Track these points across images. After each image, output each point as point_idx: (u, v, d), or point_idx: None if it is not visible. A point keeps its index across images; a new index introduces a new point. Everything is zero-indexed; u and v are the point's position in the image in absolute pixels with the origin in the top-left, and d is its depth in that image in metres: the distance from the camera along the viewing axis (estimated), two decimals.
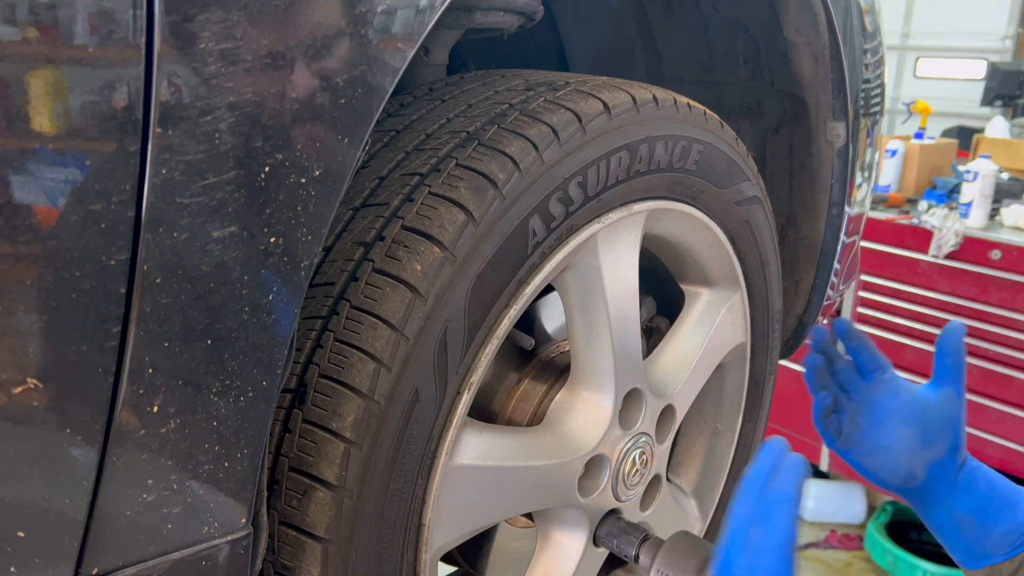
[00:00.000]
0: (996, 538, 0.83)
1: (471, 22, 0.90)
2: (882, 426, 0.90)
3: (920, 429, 0.88)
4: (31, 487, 0.50)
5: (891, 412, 0.89)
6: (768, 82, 1.26)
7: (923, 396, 0.89)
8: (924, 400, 0.89)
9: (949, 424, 0.87)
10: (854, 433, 0.92)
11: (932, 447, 0.87)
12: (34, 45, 0.45)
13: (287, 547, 0.67)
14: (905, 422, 0.88)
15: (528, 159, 0.73)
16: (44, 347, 0.48)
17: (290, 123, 0.55)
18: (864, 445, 0.91)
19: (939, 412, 0.87)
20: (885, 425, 0.89)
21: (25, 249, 0.47)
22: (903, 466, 0.88)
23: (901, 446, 0.88)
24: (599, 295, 0.87)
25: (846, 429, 0.93)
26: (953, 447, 0.87)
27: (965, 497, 0.86)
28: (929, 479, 0.88)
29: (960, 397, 0.88)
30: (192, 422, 0.56)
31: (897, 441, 0.88)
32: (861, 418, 0.92)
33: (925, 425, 0.88)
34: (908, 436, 0.88)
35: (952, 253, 2.94)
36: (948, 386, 0.88)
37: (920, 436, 0.88)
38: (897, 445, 0.88)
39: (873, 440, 0.90)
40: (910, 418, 0.88)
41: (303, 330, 0.68)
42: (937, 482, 0.87)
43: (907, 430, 0.88)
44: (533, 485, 0.86)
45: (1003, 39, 5.98)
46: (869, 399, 0.91)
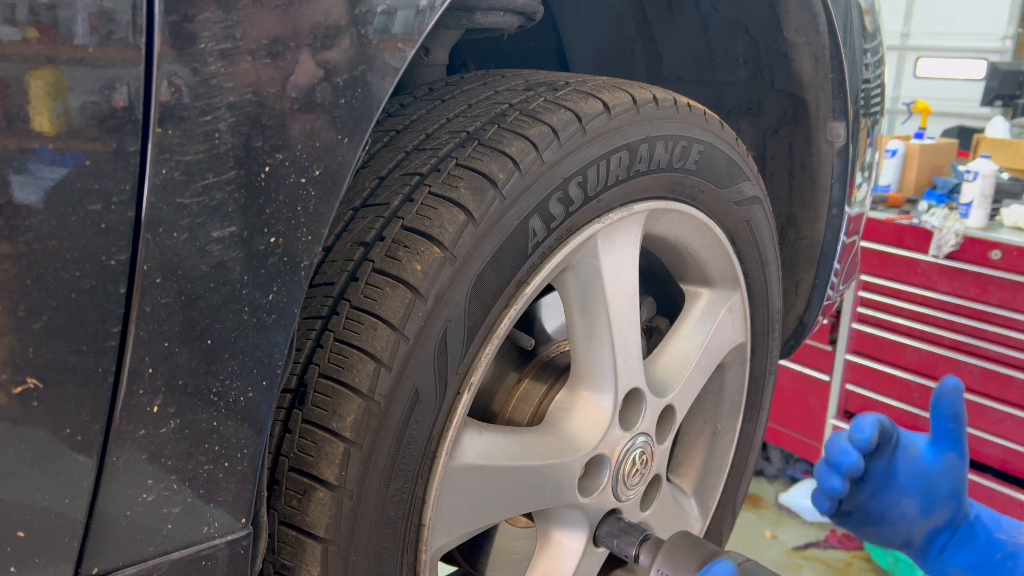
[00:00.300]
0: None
1: (471, 22, 0.90)
2: (880, 497, 0.84)
3: (922, 500, 0.82)
4: (31, 487, 0.50)
5: (893, 483, 0.83)
6: (768, 82, 1.26)
7: (926, 465, 0.82)
8: (927, 470, 0.82)
9: (953, 493, 0.82)
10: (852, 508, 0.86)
11: (933, 517, 0.83)
12: (34, 45, 0.45)
13: (287, 547, 0.67)
14: (906, 494, 0.83)
15: (528, 159, 0.73)
16: (44, 347, 0.48)
17: (290, 123, 0.55)
18: (861, 516, 0.86)
19: (943, 481, 0.82)
20: (883, 496, 0.84)
21: (25, 249, 0.46)
22: (901, 535, 0.84)
23: (900, 517, 0.84)
24: (599, 295, 0.87)
25: (846, 506, 0.87)
26: (953, 515, 0.82)
27: (963, 554, 0.82)
28: (926, 542, 0.84)
29: (963, 460, 0.82)
30: (192, 422, 0.56)
31: (896, 512, 0.84)
32: (861, 492, 0.85)
33: (928, 496, 0.82)
34: (908, 507, 0.83)
35: (952, 253, 2.94)
36: (950, 451, 0.82)
37: (921, 507, 0.83)
38: (896, 516, 0.84)
39: (870, 511, 0.85)
40: (912, 490, 0.83)
41: (303, 330, 0.68)
42: (934, 543, 0.84)
43: (909, 501, 0.83)
44: (533, 485, 0.86)
45: (1003, 39, 5.98)
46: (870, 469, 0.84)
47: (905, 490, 0.83)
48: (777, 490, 3.66)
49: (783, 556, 3.28)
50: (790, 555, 3.29)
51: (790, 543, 3.35)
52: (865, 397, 3.24)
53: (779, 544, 3.35)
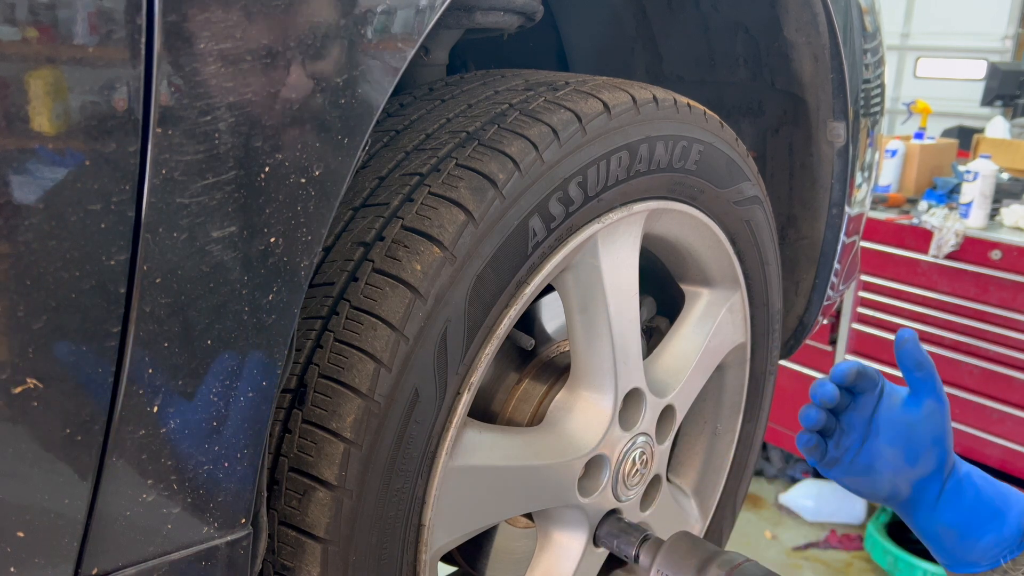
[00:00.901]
0: (980, 550, 0.81)
1: (471, 22, 0.90)
2: (866, 447, 0.87)
3: (905, 448, 0.85)
4: (31, 487, 0.50)
5: (876, 432, 0.87)
6: (768, 82, 1.26)
7: (907, 414, 0.86)
8: (908, 418, 0.85)
9: (935, 440, 0.85)
10: (839, 455, 0.89)
11: (918, 465, 0.85)
12: (34, 45, 0.45)
13: (287, 547, 0.67)
14: (890, 442, 0.86)
15: (528, 159, 0.73)
16: (44, 347, 0.48)
17: (290, 123, 0.55)
18: (848, 466, 0.89)
19: (924, 429, 0.85)
20: (869, 446, 0.87)
21: (25, 249, 0.46)
22: (887, 485, 0.87)
23: (885, 466, 0.86)
24: (599, 295, 0.86)
25: (831, 453, 0.90)
26: (939, 463, 0.85)
27: (950, 509, 0.84)
28: (914, 494, 0.86)
29: (942, 406, 0.85)
30: (192, 422, 0.56)
31: (881, 461, 0.86)
32: (846, 439, 0.89)
33: (911, 444, 0.85)
34: (893, 456, 0.86)
35: (952, 253, 2.94)
36: (927, 398, 0.85)
37: (905, 455, 0.85)
38: (881, 465, 0.86)
39: (857, 461, 0.88)
40: (895, 438, 0.86)
41: (303, 330, 0.68)
42: (922, 496, 0.86)
43: (892, 450, 0.86)
44: (533, 485, 0.86)
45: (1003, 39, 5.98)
46: (855, 419, 0.88)
47: (888, 439, 0.86)
48: (777, 490, 3.66)
49: (783, 556, 3.28)
50: (790, 555, 3.29)
51: (790, 543, 3.35)
52: None
53: (779, 544, 3.35)
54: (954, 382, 2.99)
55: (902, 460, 0.85)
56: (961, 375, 2.98)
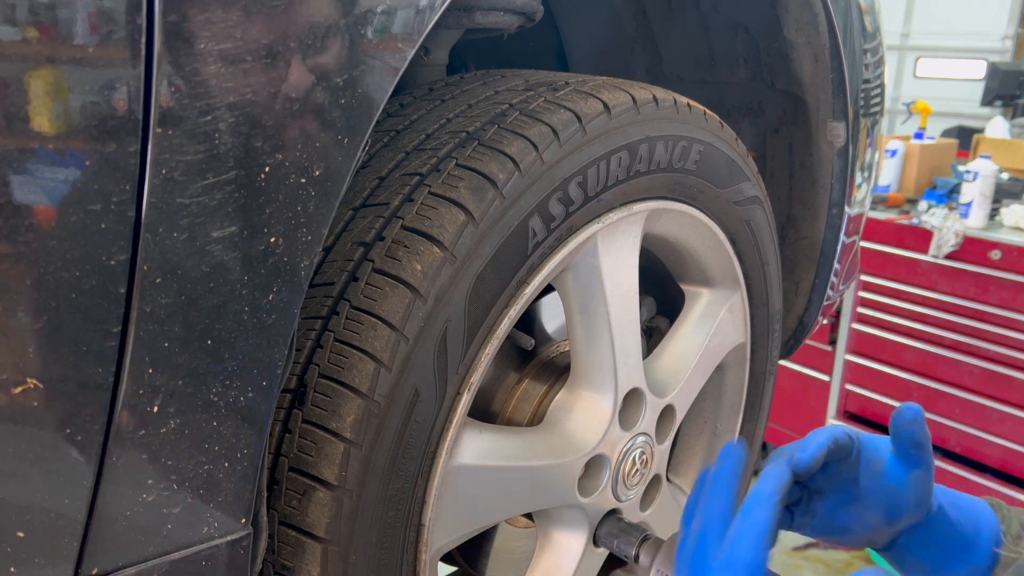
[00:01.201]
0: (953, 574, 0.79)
1: (471, 22, 0.90)
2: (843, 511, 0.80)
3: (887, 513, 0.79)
4: (31, 487, 0.50)
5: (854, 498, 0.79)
6: (768, 82, 1.26)
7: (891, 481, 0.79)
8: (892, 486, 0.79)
9: (919, 503, 0.79)
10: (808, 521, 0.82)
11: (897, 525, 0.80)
12: (34, 45, 0.45)
13: (287, 547, 0.67)
14: (871, 507, 0.79)
15: (528, 159, 0.73)
16: (44, 347, 0.48)
17: (290, 123, 0.55)
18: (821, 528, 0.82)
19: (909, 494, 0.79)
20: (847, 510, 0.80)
21: (25, 249, 0.46)
22: (864, 541, 0.82)
23: (863, 528, 0.80)
24: (599, 295, 0.87)
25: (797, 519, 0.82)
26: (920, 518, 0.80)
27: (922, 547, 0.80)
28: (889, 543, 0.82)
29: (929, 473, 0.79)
30: (192, 422, 0.56)
31: (859, 524, 0.80)
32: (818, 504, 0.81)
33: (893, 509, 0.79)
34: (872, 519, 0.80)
35: (952, 253, 2.94)
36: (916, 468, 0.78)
37: (886, 518, 0.80)
38: (859, 527, 0.80)
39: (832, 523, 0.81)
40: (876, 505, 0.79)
41: (303, 330, 0.68)
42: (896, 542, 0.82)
43: (872, 514, 0.80)
44: (533, 485, 0.86)
45: (1003, 39, 5.97)
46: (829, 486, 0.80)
47: (869, 505, 0.79)
48: None
49: (783, 556, 3.28)
50: (790, 555, 3.29)
51: (790, 543, 3.35)
52: (865, 397, 3.24)
53: (779, 544, 3.34)
54: (954, 382, 2.99)
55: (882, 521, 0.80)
56: (961, 375, 2.98)
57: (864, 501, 0.79)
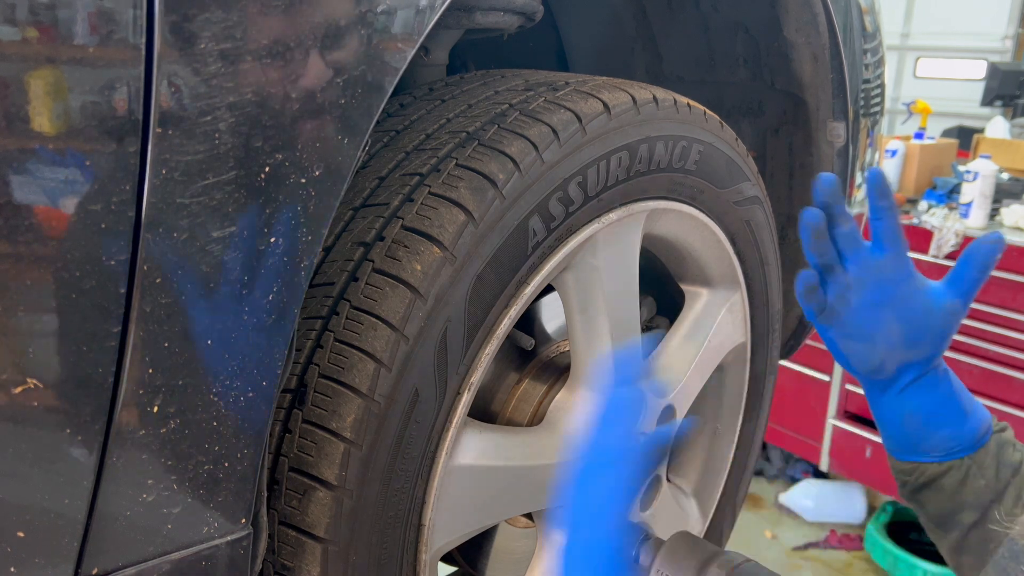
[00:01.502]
0: (936, 439, 0.80)
1: (471, 22, 0.90)
2: (873, 312, 0.81)
3: (909, 329, 0.80)
4: (31, 487, 0.50)
5: (889, 300, 0.80)
6: (768, 82, 1.26)
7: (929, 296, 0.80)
8: (928, 301, 0.80)
9: (941, 335, 0.80)
10: (842, 311, 0.82)
11: (914, 349, 0.81)
12: (34, 45, 0.45)
13: (287, 547, 0.67)
14: (898, 316, 0.80)
15: (528, 159, 0.73)
16: (44, 347, 0.48)
17: (290, 123, 0.55)
18: (847, 327, 0.82)
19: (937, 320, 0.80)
20: (877, 312, 0.80)
21: (25, 249, 0.46)
22: (877, 359, 0.82)
23: (883, 339, 0.81)
24: (599, 295, 0.86)
25: (833, 304, 0.82)
26: (931, 355, 0.81)
27: (921, 396, 0.81)
28: (896, 373, 0.82)
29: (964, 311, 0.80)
30: (192, 422, 0.56)
31: (881, 332, 0.81)
32: (854, 295, 0.81)
33: (916, 327, 0.80)
34: (895, 331, 0.80)
35: (952, 253, 2.94)
36: (958, 297, 0.79)
37: (906, 335, 0.80)
38: (880, 337, 0.81)
39: (859, 324, 0.81)
40: (905, 314, 0.80)
41: (303, 330, 0.68)
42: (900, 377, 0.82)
43: (897, 325, 0.80)
44: (533, 485, 0.86)
45: (1003, 39, 5.97)
46: (870, 277, 0.80)
47: (898, 314, 0.80)
48: (777, 490, 3.66)
49: (783, 556, 3.28)
50: (790, 555, 3.29)
51: (790, 543, 3.35)
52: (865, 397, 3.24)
53: (779, 544, 3.35)
54: None
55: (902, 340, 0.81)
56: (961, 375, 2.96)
57: (895, 309, 0.80)
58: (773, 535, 3.40)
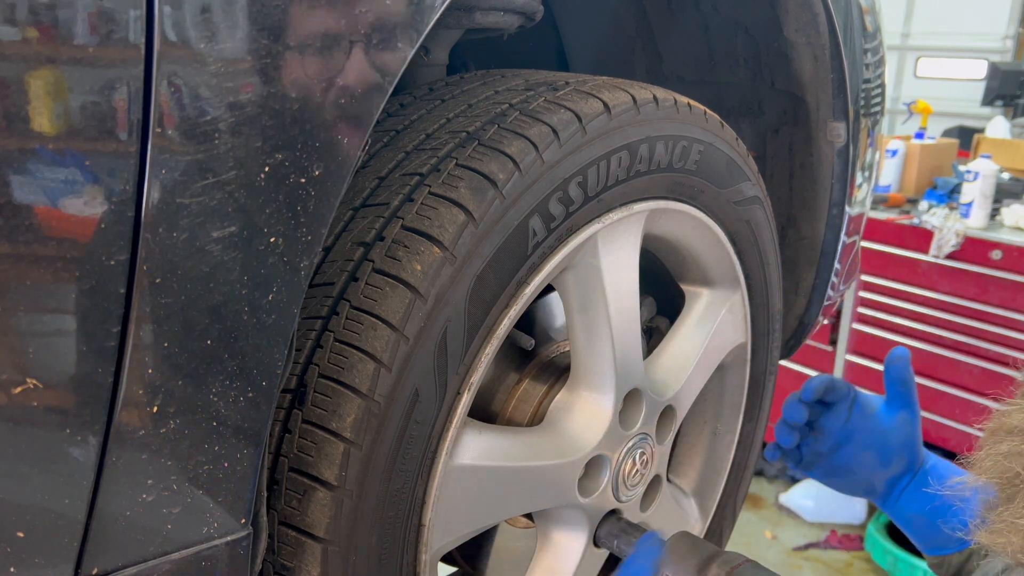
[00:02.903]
0: (946, 534, 0.88)
1: (471, 22, 0.90)
2: (842, 451, 0.97)
3: (879, 452, 0.95)
4: (31, 487, 0.50)
5: (850, 438, 0.96)
6: (768, 82, 1.26)
7: (880, 422, 0.96)
8: (881, 426, 0.95)
9: (906, 445, 0.94)
10: (815, 460, 1.00)
11: (890, 467, 0.95)
12: (34, 45, 0.45)
13: (287, 547, 0.67)
14: (864, 447, 0.96)
15: (528, 159, 0.73)
16: (44, 347, 0.48)
17: (290, 123, 0.55)
18: (826, 468, 0.99)
19: (896, 435, 0.94)
20: (845, 450, 0.97)
21: (25, 249, 0.46)
22: (863, 484, 0.97)
23: (860, 467, 0.96)
24: (599, 295, 0.86)
25: (807, 458, 1.00)
26: (910, 464, 0.95)
27: (917, 500, 0.93)
28: (886, 489, 0.96)
29: (915, 417, 0.95)
30: (192, 422, 0.56)
31: (857, 463, 0.96)
32: (822, 445, 0.99)
33: (884, 449, 0.95)
34: (867, 459, 0.96)
35: (952, 253, 2.94)
36: (902, 410, 0.95)
37: (879, 458, 0.95)
38: (857, 466, 0.96)
39: (835, 463, 0.98)
40: (868, 443, 0.95)
41: (303, 330, 0.68)
42: (893, 490, 0.95)
43: (866, 453, 0.95)
44: (533, 485, 0.86)
45: (1003, 39, 5.97)
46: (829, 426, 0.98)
47: (863, 444, 0.96)
48: (777, 490, 3.66)
49: (783, 556, 3.27)
50: (790, 555, 3.28)
51: (790, 543, 3.35)
52: None
53: (779, 544, 3.35)
54: (954, 382, 2.99)
55: (876, 462, 0.95)
56: (961, 375, 2.98)
57: (858, 441, 0.97)
58: (773, 535, 3.40)
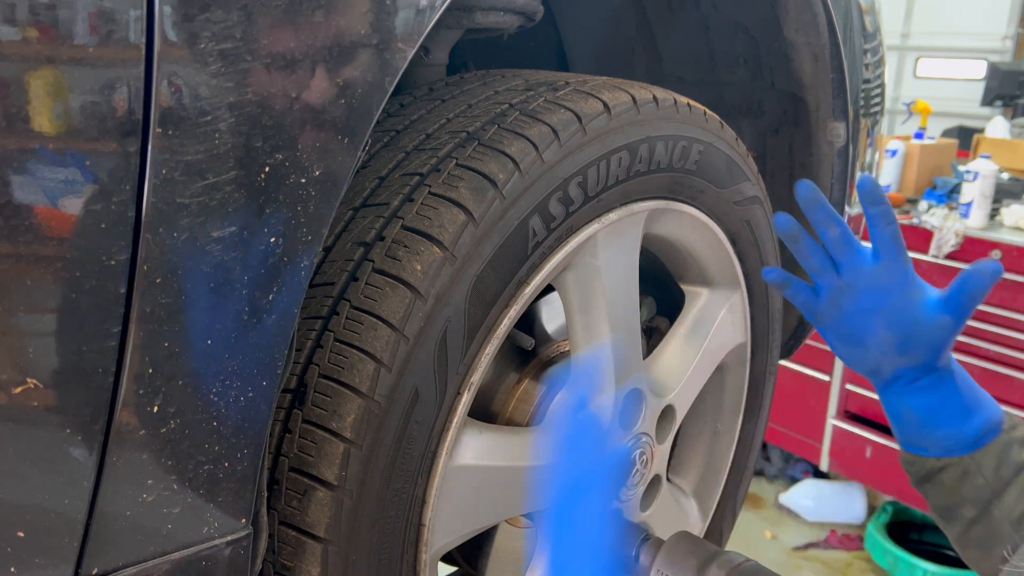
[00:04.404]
0: (933, 438, 0.81)
1: (471, 22, 0.90)
2: (864, 318, 0.82)
3: (900, 338, 0.80)
4: (31, 487, 0.50)
5: (879, 308, 0.81)
6: (768, 82, 1.26)
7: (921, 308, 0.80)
8: (919, 313, 0.80)
9: (933, 346, 0.80)
10: (834, 314, 0.84)
11: (906, 356, 0.81)
12: (34, 45, 0.45)
13: (287, 547, 0.67)
14: (889, 324, 0.81)
15: (528, 159, 0.73)
16: (44, 347, 0.48)
17: (290, 123, 0.55)
18: (839, 330, 0.84)
19: (928, 332, 0.80)
20: (867, 318, 0.82)
21: (25, 249, 0.47)
22: (871, 362, 0.83)
23: (875, 345, 0.82)
24: (599, 295, 0.86)
25: (825, 307, 0.84)
26: (926, 363, 0.81)
27: (918, 398, 0.81)
28: (892, 376, 0.83)
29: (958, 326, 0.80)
30: (192, 422, 0.56)
31: (873, 339, 0.82)
32: (846, 300, 0.82)
33: (907, 337, 0.80)
34: (886, 338, 0.81)
35: (952, 253, 2.94)
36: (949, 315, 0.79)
37: (897, 344, 0.81)
38: (872, 343, 0.82)
39: (850, 329, 0.83)
40: (896, 323, 0.80)
41: (303, 330, 0.68)
42: (898, 380, 0.82)
43: (887, 333, 0.81)
44: (533, 485, 0.86)
45: (1003, 39, 5.97)
46: (862, 283, 0.81)
47: (889, 323, 0.81)
48: (777, 490, 3.66)
49: (783, 556, 3.28)
50: (790, 555, 3.29)
51: (790, 543, 3.35)
52: (865, 397, 3.24)
53: (779, 544, 3.35)
54: None
55: (895, 348, 0.81)
56: None
57: (887, 317, 0.81)
58: (773, 535, 3.40)
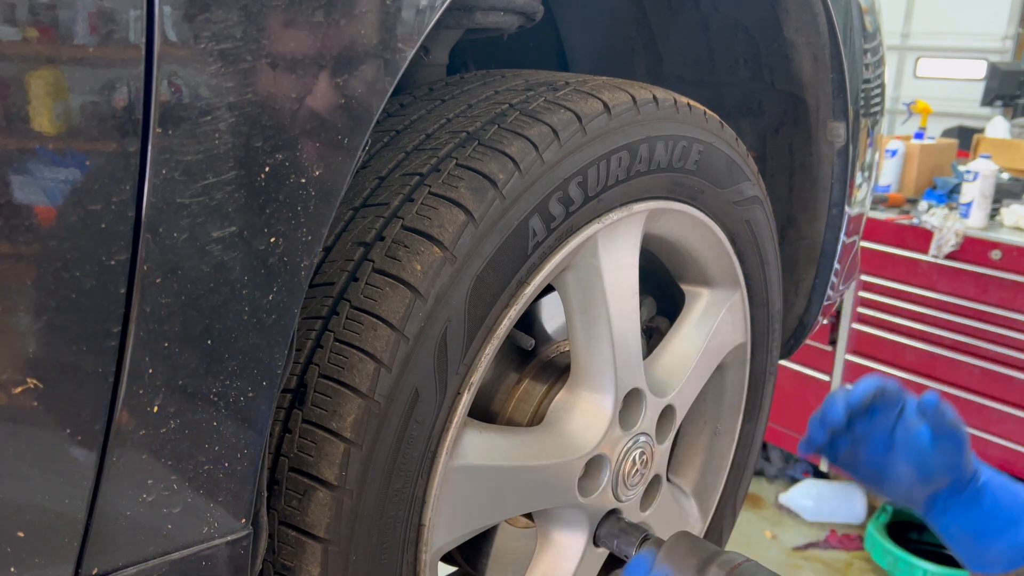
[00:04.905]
0: (994, 553, 0.83)
1: (471, 22, 0.90)
2: (880, 459, 0.90)
3: (918, 470, 0.88)
4: (31, 487, 0.50)
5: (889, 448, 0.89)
6: (768, 82, 1.26)
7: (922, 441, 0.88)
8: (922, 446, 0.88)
9: (949, 468, 0.87)
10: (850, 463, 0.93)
11: (931, 483, 0.88)
12: (34, 45, 0.45)
13: (287, 547, 0.67)
14: (903, 460, 0.88)
15: (528, 159, 0.73)
16: (44, 347, 0.48)
17: (290, 123, 0.55)
18: (863, 472, 0.93)
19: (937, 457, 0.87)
20: (883, 458, 0.90)
21: (25, 249, 0.46)
22: (901, 495, 0.90)
23: (897, 479, 0.89)
24: (599, 295, 0.86)
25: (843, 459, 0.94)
26: (954, 483, 0.87)
27: (966, 515, 0.86)
28: (928, 501, 0.89)
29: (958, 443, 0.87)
30: (192, 422, 0.56)
31: (893, 474, 0.89)
32: (860, 449, 0.92)
33: (922, 467, 0.88)
34: (905, 472, 0.89)
35: (952, 253, 2.94)
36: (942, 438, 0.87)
37: (918, 475, 0.88)
38: (893, 478, 0.90)
39: (872, 471, 0.92)
40: (908, 458, 0.88)
41: (303, 330, 0.68)
42: (935, 503, 0.88)
43: (904, 467, 0.89)
44: (533, 485, 0.86)
45: (1003, 39, 5.97)
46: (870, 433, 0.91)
47: (901, 457, 0.89)
48: (777, 490, 3.66)
49: (783, 556, 3.27)
50: (790, 555, 3.28)
51: (790, 543, 3.35)
52: None
53: (779, 544, 3.34)
54: (954, 382, 2.99)
55: (915, 477, 0.88)
56: (961, 375, 2.98)
57: (898, 453, 0.89)
58: (773, 535, 3.40)
